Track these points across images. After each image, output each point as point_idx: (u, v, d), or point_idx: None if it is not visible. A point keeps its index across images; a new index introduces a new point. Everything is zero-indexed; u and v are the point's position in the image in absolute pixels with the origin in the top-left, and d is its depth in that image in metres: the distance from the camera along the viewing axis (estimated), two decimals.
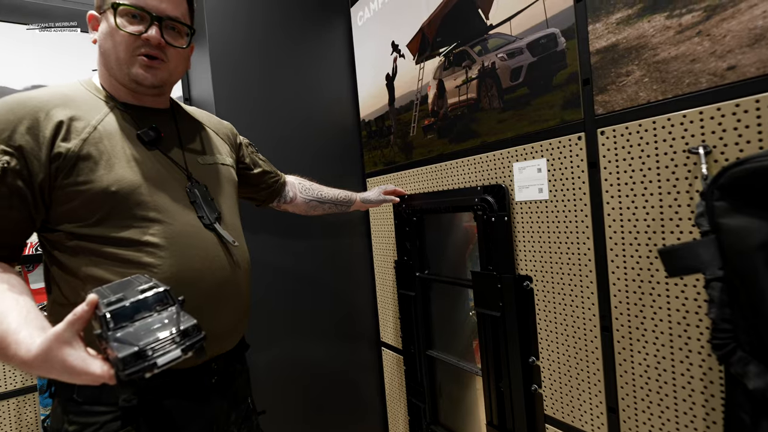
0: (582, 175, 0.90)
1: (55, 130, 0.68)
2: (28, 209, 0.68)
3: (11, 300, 0.60)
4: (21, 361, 0.54)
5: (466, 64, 1.15)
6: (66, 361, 0.53)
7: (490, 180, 1.11)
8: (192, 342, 0.56)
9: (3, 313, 0.58)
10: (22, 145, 0.66)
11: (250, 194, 1.13)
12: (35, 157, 0.67)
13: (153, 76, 0.76)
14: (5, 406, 1.37)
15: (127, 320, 0.55)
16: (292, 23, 1.52)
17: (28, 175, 0.67)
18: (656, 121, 0.77)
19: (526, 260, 1.04)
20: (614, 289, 0.86)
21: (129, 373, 0.51)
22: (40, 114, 0.68)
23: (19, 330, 0.56)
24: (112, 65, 0.76)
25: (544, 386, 1.03)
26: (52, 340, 0.53)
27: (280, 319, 1.46)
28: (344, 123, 1.65)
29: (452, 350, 1.43)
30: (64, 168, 0.68)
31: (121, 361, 0.51)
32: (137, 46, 0.74)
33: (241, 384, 0.90)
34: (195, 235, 0.77)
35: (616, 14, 0.82)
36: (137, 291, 0.57)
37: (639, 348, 0.84)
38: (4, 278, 0.64)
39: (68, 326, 0.53)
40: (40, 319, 0.60)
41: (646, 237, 0.80)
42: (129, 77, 0.75)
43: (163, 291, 0.58)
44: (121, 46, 0.73)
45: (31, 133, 0.67)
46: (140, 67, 0.75)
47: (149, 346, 0.52)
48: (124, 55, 0.74)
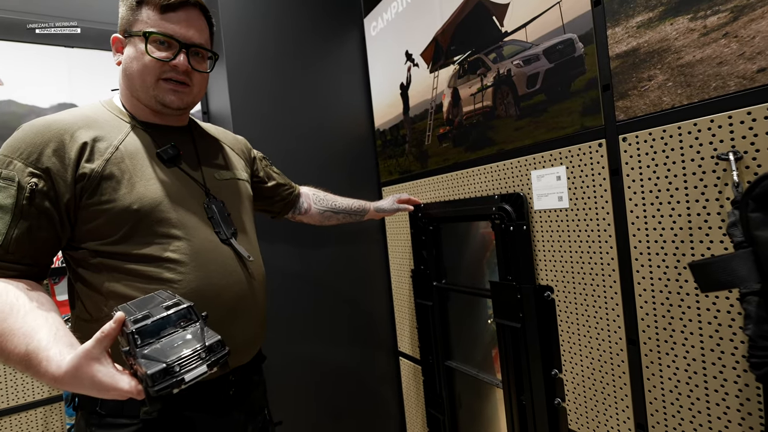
0: (604, 183, 0.87)
1: (80, 151, 0.70)
2: (55, 229, 0.70)
3: (41, 318, 0.62)
4: (52, 377, 0.56)
5: (480, 72, 1.14)
6: (95, 377, 0.54)
7: (508, 188, 1.09)
8: (217, 357, 0.56)
9: (33, 330, 0.59)
10: (49, 167, 0.68)
11: (265, 207, 1.14)
12: (61, 178, 0.69)
13: (180, 100, 0.79)
14: (33, 415, 1.40)
15: (154, 337, 0.56)
16: (306, 36, 1.53)
17: (54, 196, 0.69)
18: (682, 127, 0.74)
19: (546, 270, 1.01)
20: (640, 300, 0.83)
21: (158, 389, 0.52)
22: (66, 136, 0.71)
23: (49, 347, 0.57)
24: (137, 88, 0.78)
25: (568, 400, 1.00)
26: (81, 357, 0.54)
27: (298, 328, 1.46)
28: (359, 133, 1.66)
29: (471, 360, 1.40)
30: (88, 188, 0.70)
31: (150, 377, 0.51)
32: (164, 71, 0.77)
33: (257, 396, 0.90)
34: (213, 250, 0.78)
35: (636, 18, 0.79)
36: (162, 308, 0.58)
37: (668, 362, 0.80)
38: (34, 296, 0.66)
39: (97, 343, 0.55)
40: (69, 336, 0.61)
41: (673, 246, 0.77)
42: (156, 100, 0.78)
43: (186, 307, 0.59)
44: (150, 71, 0.76)
45: (57, 155, 0.69)
46: (167, 91, 0.78)
47: (177, 363, 0.53)
48: (151, 79, 0.77)
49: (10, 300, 0.63)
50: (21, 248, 0.67)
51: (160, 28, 0.75)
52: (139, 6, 0.76)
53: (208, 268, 0.76)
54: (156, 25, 0.75)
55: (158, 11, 0.75)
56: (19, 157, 0.68)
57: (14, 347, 0.58)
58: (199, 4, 0.79)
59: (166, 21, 0.75)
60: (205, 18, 0.82)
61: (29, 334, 0.59)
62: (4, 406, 1.36)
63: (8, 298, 0.63)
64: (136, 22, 0.76)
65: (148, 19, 0.75)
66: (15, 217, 0.66)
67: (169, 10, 0.75)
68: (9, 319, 0.60)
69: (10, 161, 0.68)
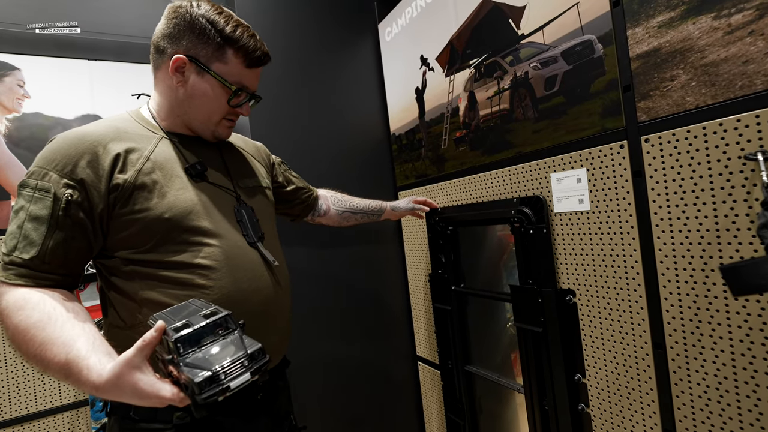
0: (626, 185, 0.86)
1: (113, 162, 0.72)
2: (88, 239, 0.72)
3: (78, 327, 0.63)
4: (93, 385, 0.57)
5: (497, 75, 1.14)
6: (136, 385, 0.55)
7: (527, 191, 1.09)
8: (259, 365, 0.57)
9: (72, 339, 0.61)
10: (83, 178, 0.70)
11: (285, 210, 1.16)
12: (95, 188, 0.71)
13: (229, 133, 0.90)
14: (60, 420, 1.44)
15: (195, 345, 0.56)
16: (321, 44, 1.55)
17: (89, 207, 0.70)
18: (707, 127, 0.73)
19: (567, 273, 1.00)
20: (666, 303, 0.82)
21: (205, 396, 0.52)
22: (99, 148, 0.72)
23: (89, 356, 0.58)
24: (192, 118, 0.82)
25: (592, 405, 0.98)
26: (123, 366, 0.55)
27: (315, 333, 1.47)
28: (375, 137, 1.66)
29: (490, 363, 1.39)
30: (121, 198, 0.72)
31: (198, 385, 0.52)
32: (228, 113, 0.84)
33: (283, 401, 0.91)
34: (242, 255, 0.80)
35: (657, 17, 0.79)
36: (200, 316, 0.59)
37: (696, 367, 0.78)
38: (69, 306, 0.67)
39: (138, 352, 0.56)
40: (105, 344, 0.62)
41: (699, 249, 0.76)
42: (211, 133, 0.85)
43: (224, 315, 0.60)
44: (218, 110, 0.82)
45: (91, 166, 0.71)
46: (225, 128, 0.87)
47: (222, 371, 0.54)
48: (216, 117, 0.83)
49: (48, 310, 0.64)
50: (56, 258, 0.69)
51: (245, 83, 0.81)
52: (224, 46, 0.77)
53: (238, 274, 0.77)
54: (241, 76, 0.80)
55: (245, 64, 0.80)
56: (54, 169, 0.69)
57: (54, 356, 0.59)
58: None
59: (251, 75, 0.82)
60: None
61: (68, 343, 0.60)
62: (32, 410, 1.40)
63: (46, 308, 0.64)
64: (216, 61, 0.78)
65: (234, 68, 0.79)
66: (51, 227, 0.68)
67: (255, 65, 0.82)
68: (48, 328, 0.62)
69: (46, 173, 0.69)
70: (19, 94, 1.45)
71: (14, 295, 0.65)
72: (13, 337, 0.63)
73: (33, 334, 0.61)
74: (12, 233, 0.68)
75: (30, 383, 1.40)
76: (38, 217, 0.68)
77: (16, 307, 0.64)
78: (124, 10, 1.63)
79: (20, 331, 0.62)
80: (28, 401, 1.40)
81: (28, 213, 0.68)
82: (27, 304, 0.64)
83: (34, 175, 0.70)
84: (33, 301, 0.65)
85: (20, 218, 0.68)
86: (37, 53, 1.48)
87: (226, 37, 0.77)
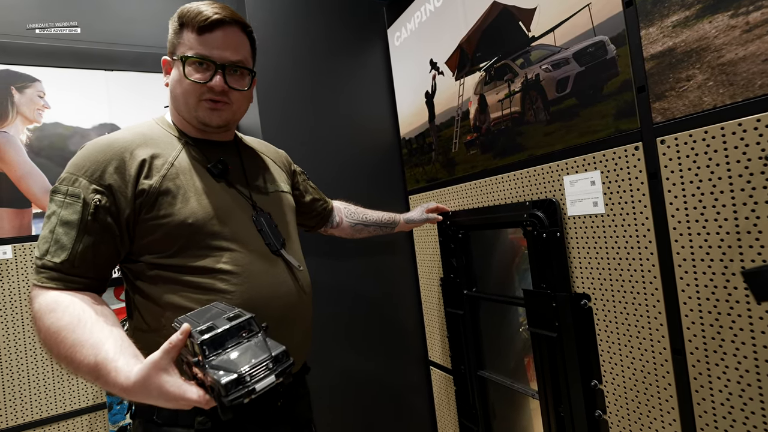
0: (642, 187, 0.85)
1: (139, 168, 0.74)
2: (116, 243, 0.73)
3: (106, 330, 0.64)
4: (121, 387, 0.57)
5: (508, 78, 1.13)
6: (163, 387, 0.56)
7: (539, 194, 1.08)
8: (284, 368, 0.57)
9: (100, 341, 0.62)
10: (111, 183, 0.72)
11: (301, 221, 1.16)
12: (122, 194, 0.72)
13: (218, 118, 0.81)
14: (78, 422, 1.46)
15: (220, 348, 0.57)
16: (331, 51, 1.56)
17: (116, 212, 0.72)
18: (725, 127, 0.71)
19: (582, 277, 0.99)
20: (685, 308, 0.80)
21: (232, 398, 0.52)
22: (126, 154, 0.74)
23: (117, 358, 0.59)
24: (181, 108, 0.81)
25: (609, 412, 0.96)
26: (150, 368, 0.56)
27: (328, 337, 1.47)
28: (385, 142, 1.67)
29: (503, 367, 1.37)
30: (146, 203, 0.73)
31: (224, 387, 0.52)
32: (203, 92, 0.78)
33: (303, 408, 0.91)
34: (264, 261, 0.80)
35: (672, 17, 0.77)
36: (224, 319, 0.59)
37: (719, 373, 0.76)
38: (98, 309, 0.69)
39: (164, 354, 0.56)
40: (132, 347, 0.64)
41: (719, 252, 0.74)
42: (197, 120, 0.81)
43: (248, 318, 0.61)
44: (189, 92, 0.79)
45: (118, 172, 0.73)
46: (206, 111, 0.80)
47: (247, 373, 0.54)
48: (192, 100, 0.79)
49: (77, 312, 0.65)
50: (85, 262, 0.71)
51: (197, 50, 0.77)
52: (181, 29, 0.79)
53: (260, 279, 0.78)
54: (194, 48, 0.77)
55: (196, 33, 0.77)
56: (83, 175, 0.71)
57: (84, 358, 0.61)
58: (237, 21, 0.79)
59: (204, 42, 0.77)
60: (246, 34, 0.83)
61: (97, 346, 0.61)
62: (52, 413, 1.42)
63: (75, 311, 0.65)
64: (179, 45, 0.79)
65: (188, 42, 0.77)
66: (80, 232, 0.70)
67: (206, 31, 0.76)
68: (77, 330, 0.63)
69: (76, 179, 0.71)
70: (40, 105, 1.49)
71: (46, 298, 0.67)
72: (45, 339, 0.65)
73: (63, 336, 0.63)
74: (44, 237, 0.70)
75: (50, 387, 1.43)
76: (68, 221, 0.70)
77: (47, 310, 0.66)
78: (139, 21, 1.67)
79: (51, 333, 0.64)
80: (49, 404, 1.43)
81: (59, 218, 0.70)
82: (58, 307, 0.66)
83: (65, 181, 0.72)
84: (63, 303, 0.66)
85: (52, 223, 0.70)
86: (56, 65, 1.52)
87: (180, 18, 0.79)
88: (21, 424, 1.38)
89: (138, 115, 1.64)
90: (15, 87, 1.45)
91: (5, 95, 1.43)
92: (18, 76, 1.45)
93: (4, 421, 1.36)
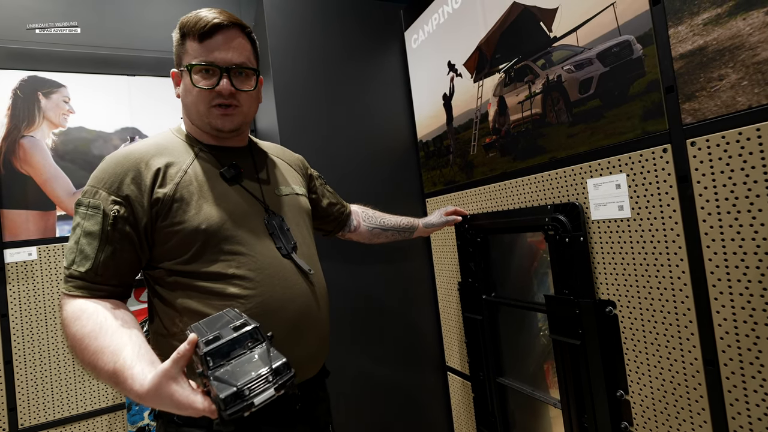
0: (670, 191, 0.82)
1: (154, 177, 0.76)
2: (136, 251, 0.76)
3: (126, 336, 0.66)
4: (136, 394, 0.59)
5: (528, 79, 1.11)
6: (173, 396, 0.57)
7: (561, 198, 1.05)
8: (284, 380, 0.57)
9: (119, 348, 0.64)
10: (128, 194, 0.74)
11: (319, 225, 1.16)
12: (139, 203, 0.74)
13: (230, 123, 0.83)
14: (99, 422, 1.49)
15: (224, 358, 0.58)
16: (348, 54, 1.56)
17: (134, 221, 0.74)
18: (761, 128, 0.68)
19: (607, 284, 0.96)
20: (718, 317, 0.76)
21: (230, 413, 0.53)
22: (141, 165, 0.76)
23: (133, 365, 0.61)
24: (193, 116, 0.83)
25: (636, 424, 0.93)
26: (161, 377, 0.57)
27: (343, 342, 1.46)
28: (402, 144, 1.66)
29: (522, 373, 1.34)
30: (162, 211, 0.75)
31: (223, 401, 0.53)
32: (212, 97, 0.80)
33: (322, 411, 0.91)
34: (276, 265, 0.80)
35: (702, 15, 0.74)
36: (230, 329, 0.60)
37: (755, 386, 0.73)
38: (119, 315, 0.71)
39: (174, 363, 0.58)
40: (150, 353, 0.65)
41: (755, 259, 0.71)
42: (210, 126, 0.82)
43: (252, 328, 0.61)
44: (199, 100, 0.80)
45: (135, 182, 0.75)
46: (218, 117, 0.81)
47: (246, 386, 0.54)
48: (202, 107, 0.81)
49: (100, 320, 0.67)
50: (108, 270, 0.73)
51: (201, 57, 0.78)
52: (183, 39, 0.80)
53: (272, 283, 0.78)
54: (197, 55, 0.79)
55: (197, 40, 0.78)
56: (103, 187, 0.74)
57: (104, 365, 0.63)
58: (235, 24, 0.81)
59: (206, 48, 0.78)
60: (246, 36, 0.83)
61: (116, 352, 0.63)
62: (73, 413, 1.45)
63: (98, 318, 0.68)
64: (184, 55, 0.80)
65: (191, 50, 0.79)
66: (102, 242, 0.72)
67: (207, 37, 0.78)
68: (99, 338, 0.65)
69: (96, 191, 0.74)
70: (65, 110, 1.52)
71: (72, 306, 0.70)
72: (72, 345, 0.67)
73: (87, 344, 0.65)
74: (70, 248, 0.73)
75: (72, 386, 1.46)
76: (91, 232, 0.72)
77: (74, 317, 0.68)
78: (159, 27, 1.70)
79: (77, 340, 0.66)
80: (70, 404, 1.45)
81: (83, 229, 0.73)
82: (83, 314, 0.68)
83: (87, 194, 0.75)
84: (88, 311, 0.69)
85: (77, 234, 0.73)
86: (80, 71, 1.56)
87: (181, 29, 0.80)
88: (43, 422, 1.41)
89: (158, 118, 1.67)
90: (42, 93, 1.49)
91: (32, 101, 1.47)
92: (44, 82, 1.49)
93: (27, 420, 1.39)
